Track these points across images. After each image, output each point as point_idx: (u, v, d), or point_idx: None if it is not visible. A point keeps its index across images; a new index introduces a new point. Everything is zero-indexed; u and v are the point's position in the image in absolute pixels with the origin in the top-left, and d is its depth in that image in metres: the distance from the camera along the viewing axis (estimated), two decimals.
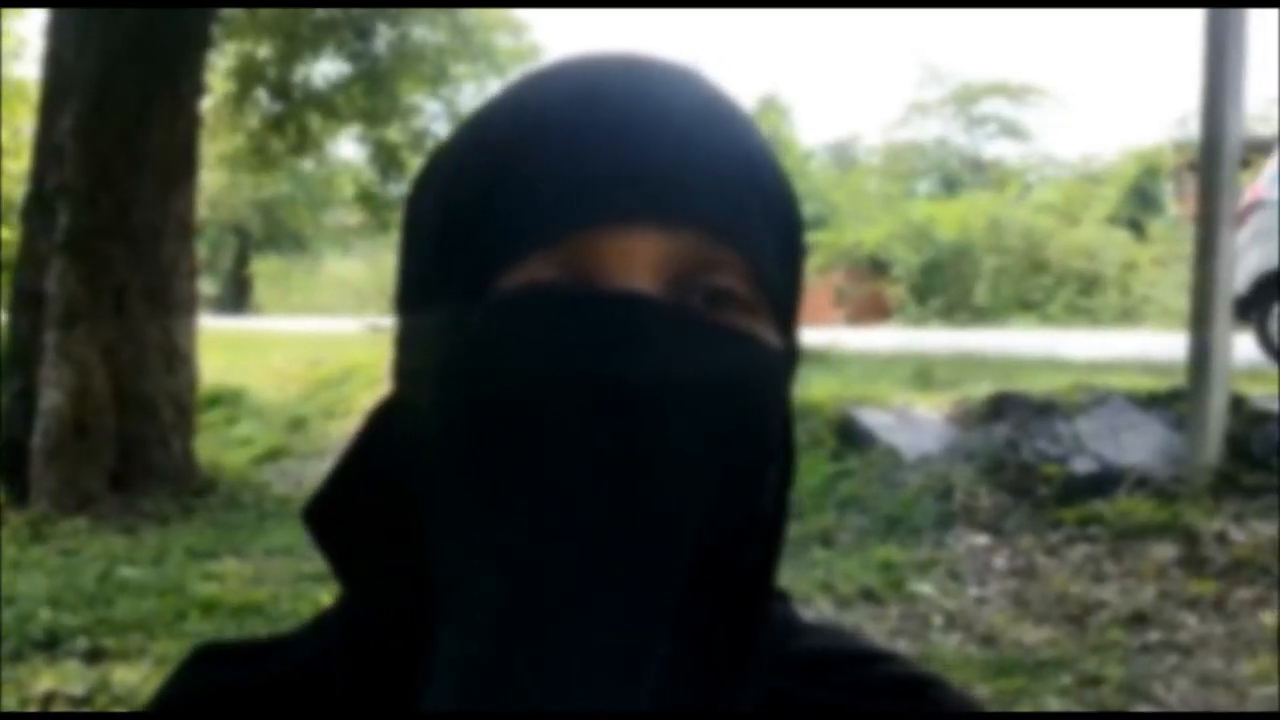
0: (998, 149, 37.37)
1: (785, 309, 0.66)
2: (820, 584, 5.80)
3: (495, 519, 0.59)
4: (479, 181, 0.64)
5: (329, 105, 15.71)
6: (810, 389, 8.09)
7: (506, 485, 0.59)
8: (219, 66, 14.03)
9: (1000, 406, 7.23)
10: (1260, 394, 6.73)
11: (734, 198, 0.63)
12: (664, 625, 0.58)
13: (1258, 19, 6.93)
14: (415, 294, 0.67)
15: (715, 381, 0.60)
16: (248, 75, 14.85)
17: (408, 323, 0.68)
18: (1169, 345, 8.90)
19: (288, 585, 5.91)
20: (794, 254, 0.68)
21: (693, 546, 0.59)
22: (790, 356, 0.68)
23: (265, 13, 13.92)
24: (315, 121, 15.87)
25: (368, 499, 0.68)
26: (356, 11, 14.43)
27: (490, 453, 0.59)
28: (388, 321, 0.72)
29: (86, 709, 4.38)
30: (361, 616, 0.69)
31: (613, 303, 0.59)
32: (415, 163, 17.22)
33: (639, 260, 0.60)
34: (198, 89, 8.83)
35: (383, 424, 0.69)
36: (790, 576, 5.91)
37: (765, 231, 0.64)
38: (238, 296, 37.44)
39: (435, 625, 0.60)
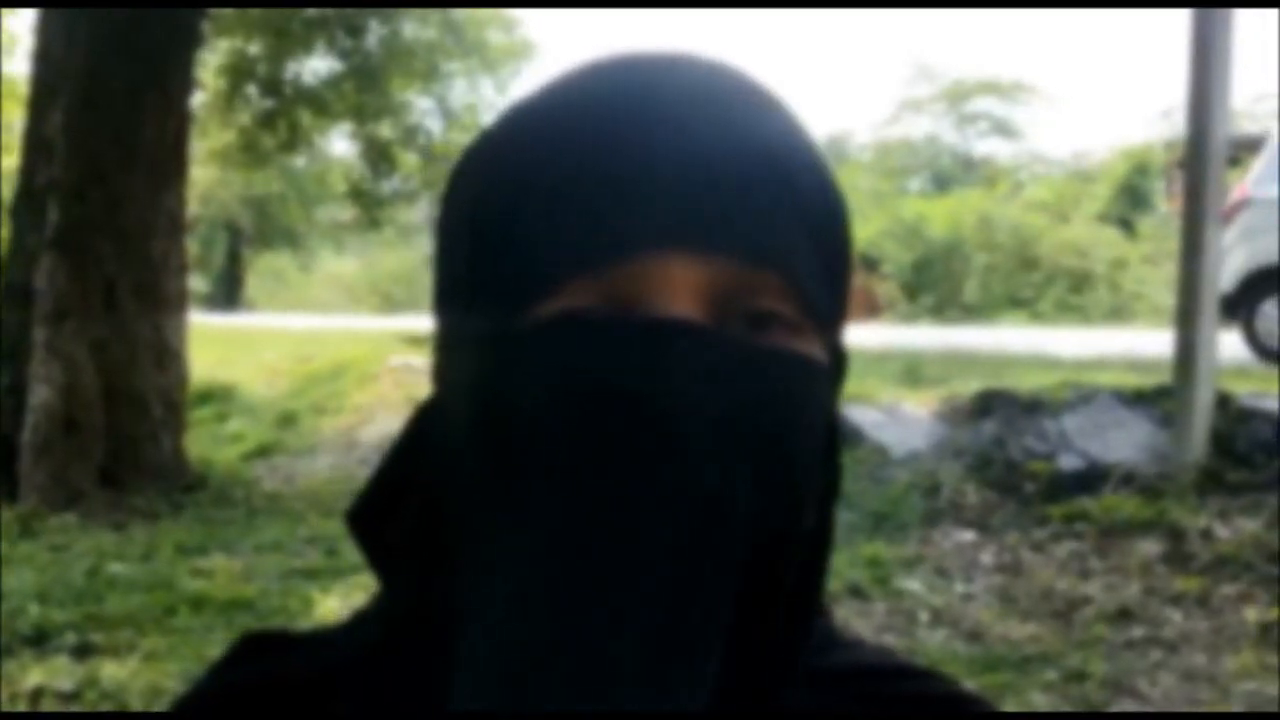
0: (988, 147, 37.46)
1: (831, 325, 0.66)
2: None
3: (532, 544, 0.58)
4: (513, 195, 0.63)
5: (320, 102, 15.69)
6: None
7: (543, 508, 0.58)
8: (210, 63, 14.02)
9: (988, 404, 7.25)
10: (1246, 391, 6.76)
11: (773, 219, 0.62)
12: (705, 644, 0.58)
13: (1244, 16, 6.95)
14: (452, 298, 0.67)
15: (759, 404, 0.60)
16: (238, 72, 14.82)
17: (445, 328, 0.68)
18: (1158, 342, 8.92)
19: (277, 581, 5.92)
20: (839, 269, 0.68)
21: (735, 568, 0.59)
22: (836, 372, 0.68)
23: (256, 10, 13.90)
24: (306, 118, 15.85)
25: (407, 500, 0.68)
26: (347, 8, 14.42)
27: (527, 475, 0.59)
28: (415, 324, 0.71)
29: (75, 705, 4.38)
30: (399, 616, 0.69)
31: (653, 328, 0.59)
32: (407, 159, 17.23)
33: (678, 287, 0.60)
34: (188, 85, 8.82)
35: (423, 425, 0.69)
36: None
37: (807, 250, 0.63)
38: (230, 293, 37.36)
39: (462, 627, 0.60)
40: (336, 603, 5.40)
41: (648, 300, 0.60)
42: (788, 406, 0.61)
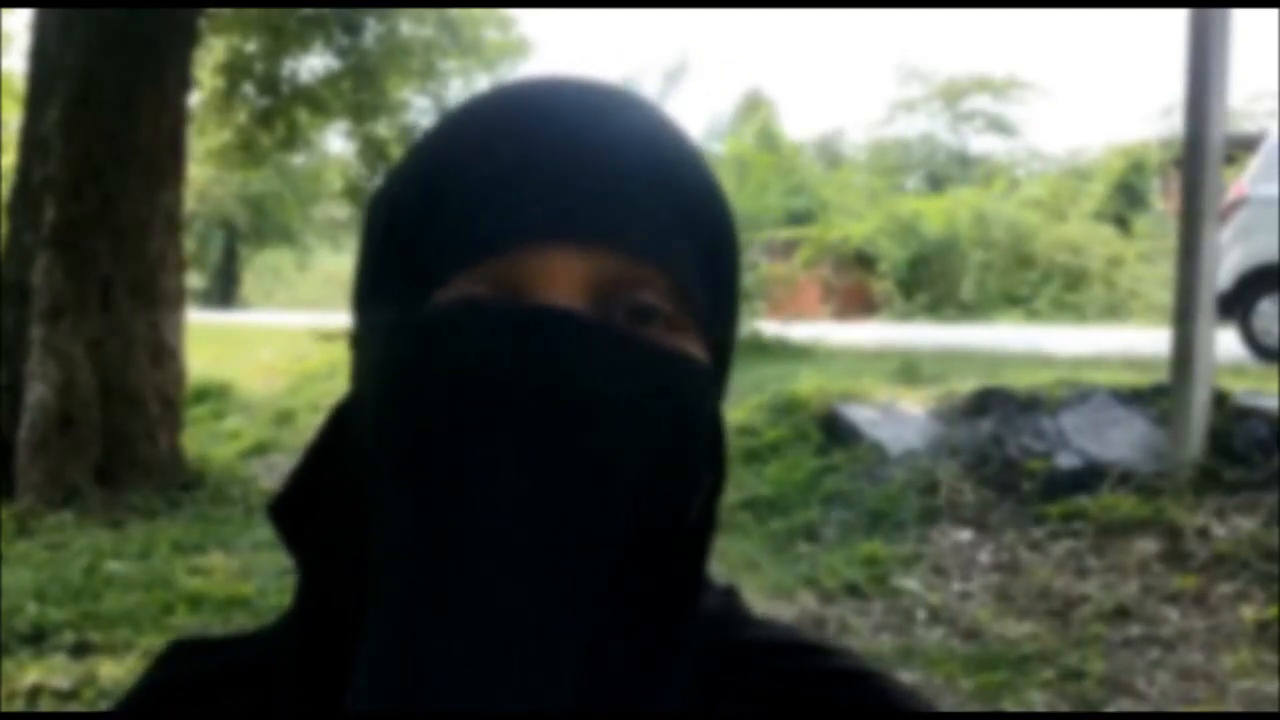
0: (984, 144, 37.46)
1: (712, 325, 0.69)
2: (805, 579, 5.82)
3: (423, 523, 0.61)
4: (420, 197, 0.67)
5: (317, 100, 15.67)
6: (796, 384, 8.11)
7: (435, 492, 0.61)
8: (207, 61, 14.01)
9: (985, 402, 7.25)
10: (1243, 390, 6.76)
11: (656, 217, 0.65)
12: (583, 630, 0.60)
13: (1241, 15, 6.96)
14: (365, 298, 0.71)
15: (637, 393, 0.62)
16: (236, 70, 14.81)
17: (358, 323, 0.71)
18: (1154, 341, 8.93)
19: (274, 579, 5.92)
20: (724, 271, 0.70)
21: (615, 554, 0.62)
22: (718, 371, 0.70)
23: (253, 8, 13.89)
24: (303, 116, 15.85)
25: (328, 495, 0.71)
26: (344, 7, 14.41)
27: (420, 462, 0.62)
28: (338, 323, 0.74)
29: (73, 703, 4.38)
30: (316, 609, 0.72)
31: (535, 317, 0.62)
32: None
33: (563, 277, 0.63)
34: (184, 83, 8.81)
35: (342, 422, 0.72)
36: (775, 571, 5.93)
37: (690, 251, 0.67)
38: (226, 291, 37.37)
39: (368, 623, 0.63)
40: None
41: (533, 289, 0.63)
42: (666, 396, 0.64)
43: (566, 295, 0.63)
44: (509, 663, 0.59)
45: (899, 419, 7.44)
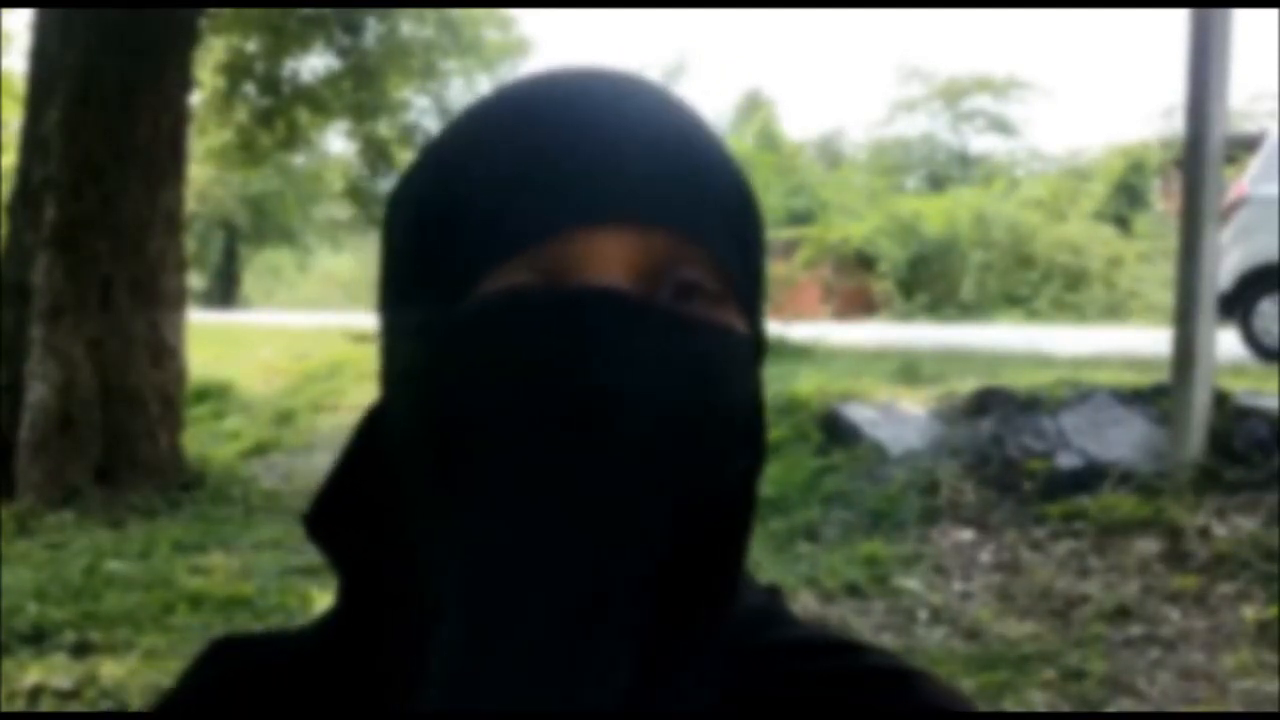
0: (984, 144, 37.47)
1: (749, 301, 0.69)
2: (805, 579, 5.82)
3: (474, 518, 0.61)
4: (455, 188, 0.66)
5: (318, 100, 15.70)
6: (796, 384, 8.10)
7: (485, 483, 0.61)
8: (208, 61, 14.02)
9: (985, 402, 7.25)
10: (1243, 390, 6.76)
11: (696, 196, 0.65)
12: (635, 620, 0.60)
13: (1242, 15, 6.96)
14: (396, 295, 0.69)
15: (688, 372, 0.62)
16: (236, 70, 14.83)
17: (390, 324, 0.70)
18: (1154, 340, 8.93)
19: (275, 579, 5.92)
20: (755, 250, 0.70)
21: (664, 539, 0.61)
22: (758, 345, 0.70)
23: (253, 8, 13.90)
24: (304, 116, 15.87)
25: (364, 499, 0.71)
26: (345, 7, 14.42)
27: (471, 453, 0.61)
28: (367, 322, 0.73)
29: (74, 703, 4.38)
30: (357, 610, 0.72)
31: (586, 298, 0.61)
32: (404, 157, 17.23)
33: (610, 259, 0.63)
34: (185, 83, 8.82)
35: (375, 424, 0.71)
36: (776, 571, 5.92)
37: (727, 228, 0.67)
38: (226, 290, 37.37)
39: (429, 622, 0.62)
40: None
41: (580, 273, 0.63)
42: (713, 373, 0.64)
43: (616, 275, 0.63)
44: (553, 660, 0.59)
45: (899, 419, 7.44)
